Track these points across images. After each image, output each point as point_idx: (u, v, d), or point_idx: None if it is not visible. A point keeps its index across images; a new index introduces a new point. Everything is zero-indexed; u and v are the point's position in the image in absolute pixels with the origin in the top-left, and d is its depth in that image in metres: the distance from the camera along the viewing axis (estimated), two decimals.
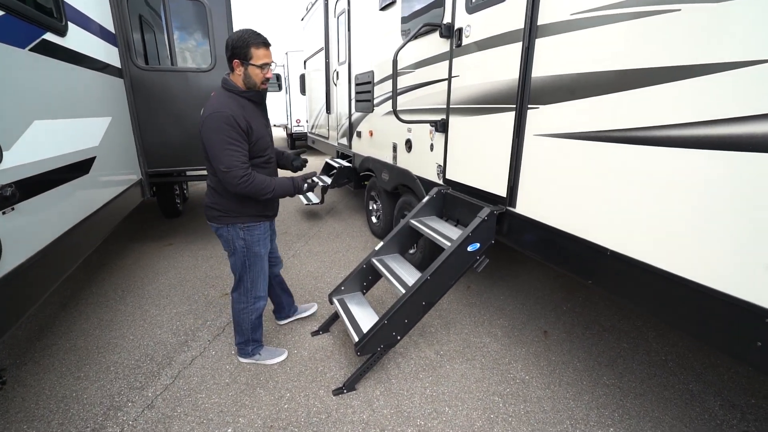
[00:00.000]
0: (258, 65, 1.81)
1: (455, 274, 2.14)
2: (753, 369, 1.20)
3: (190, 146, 3.80)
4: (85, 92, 2.49)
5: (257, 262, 2.08)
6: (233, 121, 1.74)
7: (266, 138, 1.95)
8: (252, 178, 1.80)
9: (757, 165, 1.10)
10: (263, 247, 2.08)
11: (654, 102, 1.36)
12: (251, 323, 2.19)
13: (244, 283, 2.10)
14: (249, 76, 1.84)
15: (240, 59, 1.80)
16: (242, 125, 1.77)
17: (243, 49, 1.78)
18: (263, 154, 1.94)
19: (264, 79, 1.87)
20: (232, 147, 1.75)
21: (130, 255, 3.92)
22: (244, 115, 1.80)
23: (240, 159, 1.77)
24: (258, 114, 1.91)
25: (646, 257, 1.44)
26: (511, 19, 2.00)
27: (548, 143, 1.84)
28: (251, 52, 1.79)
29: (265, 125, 1.97)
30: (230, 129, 1.74)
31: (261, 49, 1.80)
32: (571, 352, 2.43)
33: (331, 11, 5.33)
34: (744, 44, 1.12)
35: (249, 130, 1.81)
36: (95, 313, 2.83)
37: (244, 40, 1.78)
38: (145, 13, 3.92)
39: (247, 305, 2.14)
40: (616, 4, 1.47)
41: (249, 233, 2.00)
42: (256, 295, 2.13)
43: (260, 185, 1.82)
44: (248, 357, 2.29)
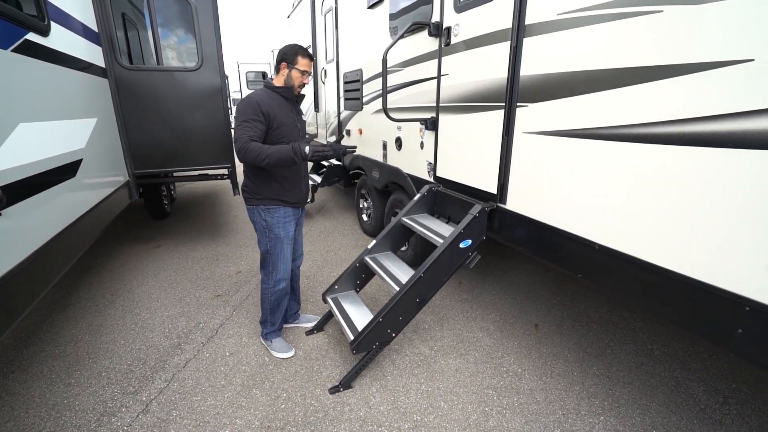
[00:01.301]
0: (300, 70, 2.15)
1: (448, 270, 2.17)
2: (734, 355, 1.25)
3: (177, 146, 3.75)
4: (69, 93, 2.44)
5: (277, 244, 2.24)
6: (256, 105, 2.02)
7: (289, 127, 2.15)
8: (248, 146, 1.96)
9: (732, 160, 1.16)
10: (282, 230, 2.24)
11: (638, 100, 1.41)
12: (270, 304, 2.36)
13: (267, 264, 2.30)
14: (290, 78, 2.16)
15: (287, 62, 2.14)
16: (263, 109, 2.02)
17: (292, 55, 2.13)
18: (285, 141, 2.13)
19: (301, 83, 2.19)
20: (245, 124, 2.00)
21: (117, 258, 3.86)
22: (271, 104, 2.07)
23: (247, 134, 1.98)
24: (286, 107, 2.16)
25: (633, 250, 1.49)
26: (499, 18, 2.03)
27: (537, 141, 1.88)
28: (298, 59, 2.14)
29: (292, 118, 2.19)
30: (250, 111, 2.02)
31: (305, 59, 2.16)
32: (562, 344, 2.49)
33: (317, 9, 5.30)
34: (722, 45, 1.16)
35: (269, 115, 2.05)
36: (84, 318, 2.78)
37: (295, 48, 2.15)
38: (128, 12, 3.85)
39: (268, 286, 2.32)
40: (601, 5, 1.51)
41: (269, 215, 2.20)
42: (276, 277, 2.30)
43: (255, 151, 1.96)
44: (263, 339, 2.46)
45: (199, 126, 3.79)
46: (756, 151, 1.10)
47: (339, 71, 4.61)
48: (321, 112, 5.70)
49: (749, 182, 1.14)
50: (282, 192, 2.19)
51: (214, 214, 5.50)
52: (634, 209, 1.48)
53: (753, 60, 1.09)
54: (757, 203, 1.13)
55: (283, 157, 1.98)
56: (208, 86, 3.74)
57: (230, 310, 2.88)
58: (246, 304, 2.96)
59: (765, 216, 1.11)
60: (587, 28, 1.57)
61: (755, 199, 1.13)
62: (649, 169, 1.41)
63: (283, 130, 2.12)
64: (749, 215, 1.15)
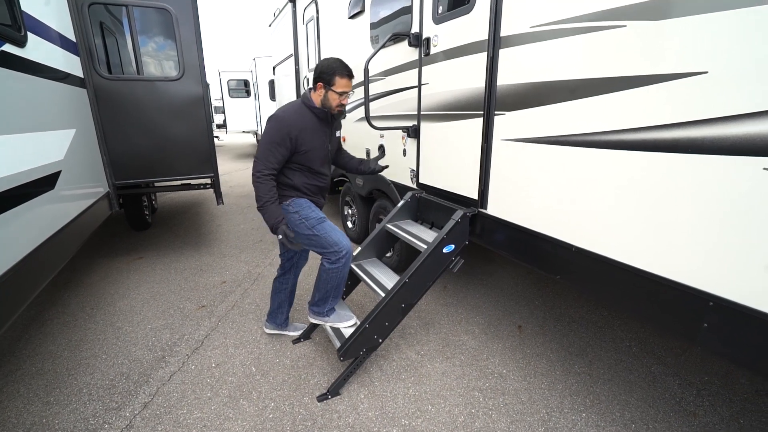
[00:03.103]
0: (338, 92, 2.06)
1: (432, 275, 2.22)
2: (702, 349, 1.33)
3: (159, 156, 3.71)
4: (46, 104, 2.40)
5: (320, 223, 2.17)
6: (286, 129, 2.02)
7: (319, 153, 2.17)
8: (263, 181, 2.03)
9: (691, 164, 1.24)
10: (314, 212, 2.21)
11: (605, 109, 1.49)
12: (337, 280, 2.25)
13: (326, 248, 2.18)
14: (327, 99, 2.08)
15: (324, 83, 2.05)
16: (292, 135, 2.03)
17: (329, 76, 2.04)
18: (311, 166, 2.17)
19: (339, 104, 2.11)
20: (272, 148, 2.03)
21: (97, 271, 3.77)
22: (303, 127, 2.06)
23: (271, 160, 2.03)
24: (319, 130, 2.14)
25: (606, 251, 1.57)
26: (476, 30, 2.11)
27: (514, 147, 1.95)
28: (335, 80, 2.04)
29: (323, 140, 2.18)
30: (279, 135, 2.02)
31: (344, 79, 2.05)
32: (545, 344, 2.56)
33: (299, 18, 5.34)
34: (679, 58, 1.25)
35: (297, 141, 2.05)
36: (63, 333, 2.71)
37: (332, 68, 2.04)
38: (107, 21, 3.81)
39: (337, 265, 2.20)
40: (569, 19, 1.59)
41: (295, 204, 2.18)
42: (340, 249, 2.18)
43: (263, 190, 2.04)
44: (319, 317, 2.36)
45: (181, 135, 3.76)
46: (711, 156, 1.18)
47: None
48: None
49: (706, 184, 1.22)
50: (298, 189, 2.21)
51: (197, 224, 5.43)
52: (605, 212, 1.55)
53: (707, 72, 1.17)
54: (715, 204, 1.21)
55: (268, 216, 2.07)
56: (190, 95, 3.72)
57: (215, 321, 2.85)
58: (231, 314, 2.93)
59: (723, 215, 1.20)
60: (558, 40, 1.66)
61: (713, 200, 1.21)
62: (616, 174, 1.49)
63: (310, 155, 2.12)
64: (708, 215, 1.23)
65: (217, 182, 4.03)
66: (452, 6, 2.30)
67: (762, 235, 1.12)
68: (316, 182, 2.25)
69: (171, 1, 3.50)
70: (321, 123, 2.15)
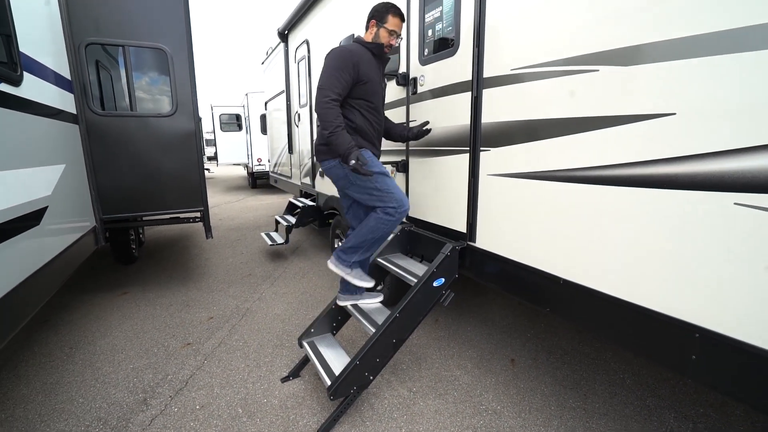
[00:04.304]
0: (388, 29, 2.14)
1: (423, 309, 2.20)
2: (692, 381, 1.33)
3: (148, 190, 3.71)
4: (38, 141, 2.41)
5: (383, 178, 2.16)
6: (348, 55, 2.07)
7: (376, 87, 2.22)
8: (331, 106, 2.00)
9: (669, 199, 1.29)
10: (378, 166, 2.19)
11: (583, 147, 1.57)
12: (381, 233, 2.23)
13: (386, 203, 2.16)
14: (378, 36, 2.17)
15: (377, 20, 2.15)
16: (354, 60, 2.07)
17: (382, 13, 2.14)
18: (371, 100, 2.20)
19: (389, 44, 2.19)
20: (336, 74, 2.03)
21: (78, 308, 3.65)
22: (361, 57, 2.10)
23: (336, 85, 2.03)
24: (374, 66, 2.20)
25: (594, 284, 1.59)
26: (460, 71, 2.22)
27: (500, 182, 2.01)
28: (388, 18, 2.14)
29: (379, 79, 2.24)
30: (341, 61, 2.05)
31: (396, 18, 2.15)
32: (538, 378, 2.52)
33: (291, 57, 5.54)
34: (649, 100, 1.33)
35: (359, 68, 2.08)
36: (38, 375, 2.59)
37: (386, 6, 2.15)
38: (103, 59, 3.91)
39: (392, 219, 2.18)
40: (546, 63, 1.70)
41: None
42: (400, 205, 2.17)
43: (332, 116, 2.00)
44: (342, 265, 2.33)
45: (172, 170, 3.78)
46: (687, 192, 1.24)
47: (312, 115, 4.77)
48: (295, 154, 5.81)
49: (684, 218, 1.27)
50: (361, 143, 2.20)
51: (185, 257, 5.35)
52: (589, 244, 1.59)
53: (675, 114, 1.25)
54: (693, 237, 1.25)
55: (340, 143, 1.99)
56: (182, 131, 3.77)
57: (201, 359, 2.75)
58: (218, 352, 2.85)
59: (702, 247, 1.24)
60: (536, 82, 1.75)
61: (691, 233, 1.26)
62: (597, 208, 1.54)
63: (369, 87, 2.15)
64: (688, 247, 1.27)
65: (206, 216, 4.01)
66: (437, 49, 2.43)
67: (738, 267, 1.16)
68: (375, 122, 2.27)
69: (167, 41, 3.62)
70: (375, 59, 2.20)
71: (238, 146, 12.97)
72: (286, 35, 5.65)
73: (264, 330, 3.17)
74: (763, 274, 1.12)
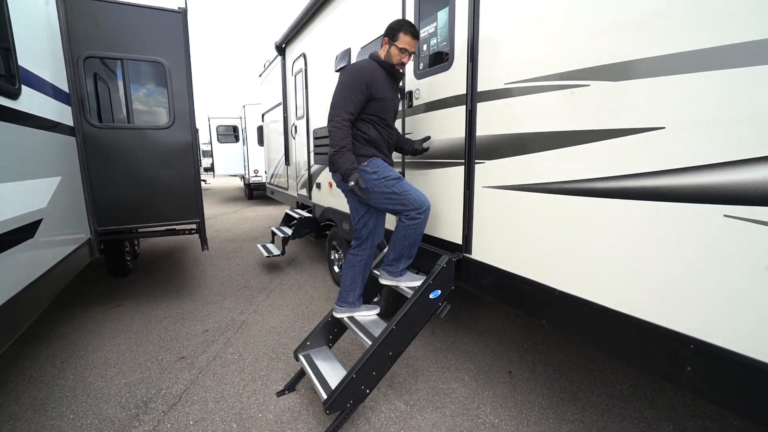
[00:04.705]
0: (399, 47, 2.15)
1: (420, 322, 2.20)
2: (688, 393, 1.33)
3: (144, 202, 3.70)
4: (34, 153, 2.41)
5: (399, 182, 2.23)
6: (361, 74, 2.12)
7: (389, 104, 2.26)
8: (342, 126, 2.06)
9: (661, 210, 1.31)
10: (392, 171, 2.26)
11: (576, 159, 1.59)
12: (414, 238, 2.31)
13: (406, 206, 2.22)
14: (389, 55, 2.20)
15: (389, 38, 2.18)
16: (367, 82, 2.12)
17: (394, 31, 2.16)
18: (384, 117, 2.25)
19: (400, 62, 2.21)
20: (350, 93, 2.10)
21: (71, 321, 3.60)
22: (375, 76, 2.16)
23: (348, 105, 2.09)
24: (387, 83, 2.24)
25: (589, 295, 1.60)
26: (455, 85, 2.25)
27: (495, 194, 2.03)
28: (399, 36, 2.15)
29: (392, 95, 2.28)
30: (356, 80, 2.11)
31: (408, 36, 2.15)
32: (536, 390, 2.51)
33: (288, 70, 5.61)
34: (638, 115, 1.36)
35: (371, 86, 2.14)
36: (27, 391, 2.54)
37: (399, 24, 2.16)
38: (101, 72, 3.94)
39: (417, 221, 2.24)
40: (537, 78, 1.73)
41: (373, 164, 2.22)
42: (420, 206, 2.23)
43: (340, 136, 2.07)
44: (392, 278, 2.43)
45: (168, 181, 3.78)
46: (678, 204, 1.26)
47: (309, 127, 4.81)
48: (292, 166, 5.83)
49: (677, 230, 1.29)
50: (375, 154, 2.26)
51: (180, 269, 5.31)
52: (583, 256, 1.61)
53: (664, 128, 1.28)
54: (685, 248, 1.27)
55: (343, 163, 2.08)
56: (179, 143, 3.79)
57: (195, 373, 2.72)
58: (213, 366, 2.81)
59: (694, 258, 1.25)
60: (529, 96, 1.79)
61: (683, 245, 1.27)
62: (590, 219, 1.56)
63: (382, 104, 2.20)
64: (680, 258, 1.29)
65: (202, 227, 4.00)
66: (432, 63, 2.47)
67: (730, 278, 1.17)
68: (387, 135, 2.32)
69: (165, 55, 3.66)
70: (388, 77, 2.24)
71: (235, 157, 12.99)
72: (284, 49, 5.73)
73: (259, 343, 3.14)
74: (754, 285, 1.14)
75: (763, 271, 1.11)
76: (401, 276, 2.44)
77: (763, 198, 1.09)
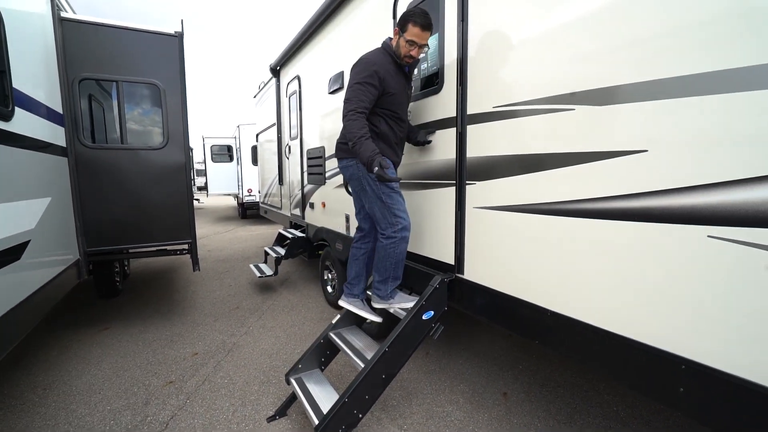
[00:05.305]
0: (407, 39, 2.08)
1: (413, 343, 2.17)
2: (681, 414, 1.32)
3: (136, 223, 3.68)
4: (25, 174, 2.40)
5: (391, 193, 2.20)
6: (374, 67, 2.09)
7: (401, 98, 2.23)
8: (357, 118, 2.03)
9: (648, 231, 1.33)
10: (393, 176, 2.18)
11: (563, 181, 1.62)
12: (396, 257, 2.26)
13: (387, 218, 2.20)
14: (399, 46, 2.15)
15: (399, 28, 2.12)
16: (381, 75, 2.09)
17: (404, 21, 2.08)
18: (396, 111, 2.23)
19: (408, 54, 2.14)
20: (362, 88, 2.07)
21: (55, 345, 3.50)
22: (387, 69, 2.13)
23: (361, 99, 2.07)
24: (399, 76, 2.21)
25: (579, 315, 1.60)
26: (445, 107, 2.30)
27: (486, 215, 2.05)
28: (408, 27, 2.07)
29: (404, 89, 2.25)
30: (368, 74, 2.08)
31: (416, 28, 2.05)
32: (532, 413, 2.47)
33: (282, 91, 5.69)
34: (622, 138, 1.40)
35: (384, 80, 2.11)
36: (5, 420, 2.44)
37: (410, 14, 2.07)
38: (96, 93, 3.96)
39: (394, 240, 2.20)
40: (525, 102, 1.78)
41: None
42: (396, 222, 2.20)
43: (357, 126, 2.03)
44: (383, 301, 2.38)
45: (161, 202, 3.77)
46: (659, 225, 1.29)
47: (303, 148, 4.85)
48: (285, 186, 5.84)
49: (663, 250, 1.31)
50: (383, 149, 2.21)
51: (171, 290, 5.23)
52: (573, 276, 1.62)
53: (647, 150, 1.32)
54: (671, 268, 1.29)
55: (365, 150, 2.02)
56: (173, 163, 3.80)
57: (183, 399, 2.64)
58: (202, 390, 2.74)
59: (682, 279, 1.27)
60: (518, 119, 1.83)
61: (669, 265, 1.29)
62: (580, 240, 1.57)
63: (395, 99, 2.18)
64: (669, 279, 1.30)
65: (194, 248, 3.97)
66: (423, 86, 2.53)
67: (716, 298, 1.19)
68: (398, 130, 2.30)
69: (160, 77, 3.71)
70: (398, 69, 2.21)
71: (228, 177, 13.01)
72: (278, 71, 5.83)
73: (250, 366, 3.07)
74: (740, 305, 1.15)
75: (748, 291, 1.13)
76: (392, 298, 2.42)
77: (746, 219, 1.11)
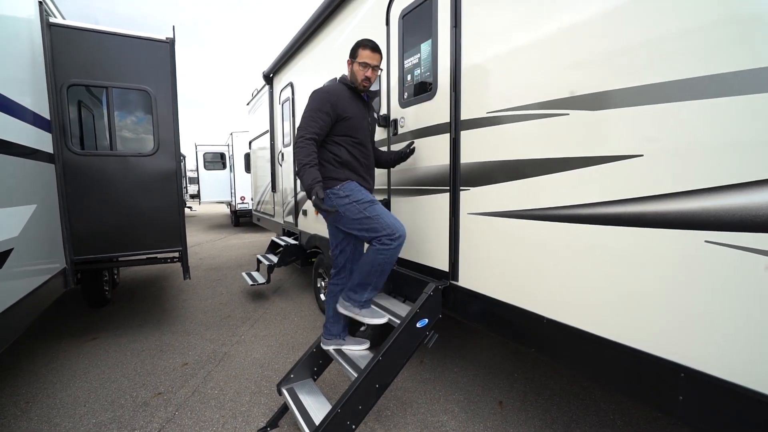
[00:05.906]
0: (360, 62, 2.18)
1: (407, 352, 2.13)
2: (681, 423, 1.29)
3: (125, 230, 3.61)
4: (7, 180, 2.34)
5: (372, 206, 2.16)
6: (326, 96, 2.14)
7: (360, 122, 2.24)
8: (305, 145, 2.06)
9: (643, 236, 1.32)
10: (365, 194, 2.21)
11: (558, 186, 1.61)
12: (383, 265, 2.18)
13: (378, 232, 2.13)
14: (353, 73, 2.23)
15: (351, 57, 2.22)
16: (332, 101, 2.13)
17: (354, 49, 2.21)
18: (354, 135, 2.23)
19: (364, 77, 2.21)
20: (314, 115, 2.11)
21: (42, 355, 3.41)
22: (340, 96, 2.17)
23: (312, 126, 2.09)
24: (356, 103, 2.25)
25: (576, 322, 1.58)
26: (439, 113, 2.30)
27: (480, 221, 2.03)
28: (359, 51, 2.18)
29: (362, 114, 2.27)
30: (320, 102, 2.12)
31: (366, 50, 2.17)
32: (527, 422, 2.43)
33: (276, 98, 5.68)
34: (616, 143, 1.39)
35: (337, 107, 2.14)
36: None
37: (359, 42, 2.20)
38: (85, 99, 3.92)
39: (389, 247, 2.13)
40: (518, 107, 1.78)
41: (345, 188, 2.18)
42: (393, 232, 2.13)
43: (303, 154, 2.05)
44: (353, 306, 2.27)
45: (151, 209, 3.71)
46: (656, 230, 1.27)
47: None
48: (278, 193, 5.80)
49: (657, 256, 1.29)
50: (349, 176, 2.22)
51: (161, 299, 5.13)
52: (569, 283, 1.60)
53: (642, 155, 1.31)
54: (668, 274, 1.27)
55: (307, 178, 2.03)
56: (163, 170, 3.75)
57: (172, 411, 2.57)
58: (191, 402, 2.66)
59: (679, 285, 1.25)
60: (512, 125, 1.82)
61: (666, 271, 1.27)
62: (574, 245, 1.56)
63: (352, 123, 2.19)
64: (666, 285, 1.28)
65: (184, 256, 3.90)
66: (417, 92, 2.52)
67: (715, 304, 1.17)
68: (361, 156, 2.27)
69: (151, 83, 3.67)
70: (356, 96, 2.25)
71: (221, 184, 12.94)
72: (271, 78, 5.82)
73: (242, 376, 3.01)
74: (738, 311, 1.13)
75: (749, 297, 1.11)
76: (364, 308, 2.27)
77: (743, 224, 1.10)
